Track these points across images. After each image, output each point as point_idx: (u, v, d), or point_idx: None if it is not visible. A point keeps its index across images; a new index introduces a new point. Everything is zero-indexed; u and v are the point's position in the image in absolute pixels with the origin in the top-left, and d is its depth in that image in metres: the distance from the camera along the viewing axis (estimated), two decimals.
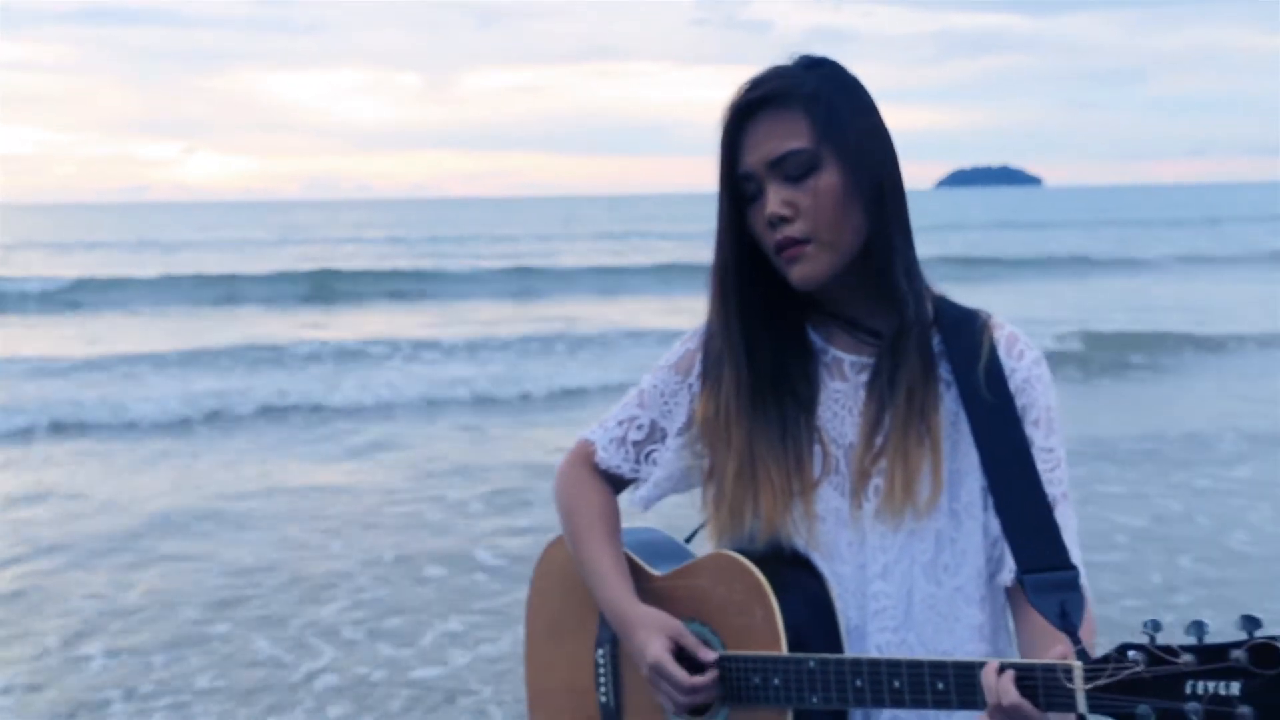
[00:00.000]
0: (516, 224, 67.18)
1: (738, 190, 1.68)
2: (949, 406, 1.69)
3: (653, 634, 1.69)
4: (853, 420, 1.71)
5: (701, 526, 1.95)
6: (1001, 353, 1.69)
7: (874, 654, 1.65)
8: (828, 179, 1.63)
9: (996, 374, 1.67)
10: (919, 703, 1.52)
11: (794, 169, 1.63)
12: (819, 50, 1.70)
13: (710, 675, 1.66)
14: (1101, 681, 1.36)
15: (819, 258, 1.64)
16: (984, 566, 1.69)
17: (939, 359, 1.70)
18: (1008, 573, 1.66)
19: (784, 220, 1.63)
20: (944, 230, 46.50)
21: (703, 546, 1.90)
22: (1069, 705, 1.40)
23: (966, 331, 1.70)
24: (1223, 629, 1.32)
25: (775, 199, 1.63)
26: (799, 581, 1.67)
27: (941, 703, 1.50)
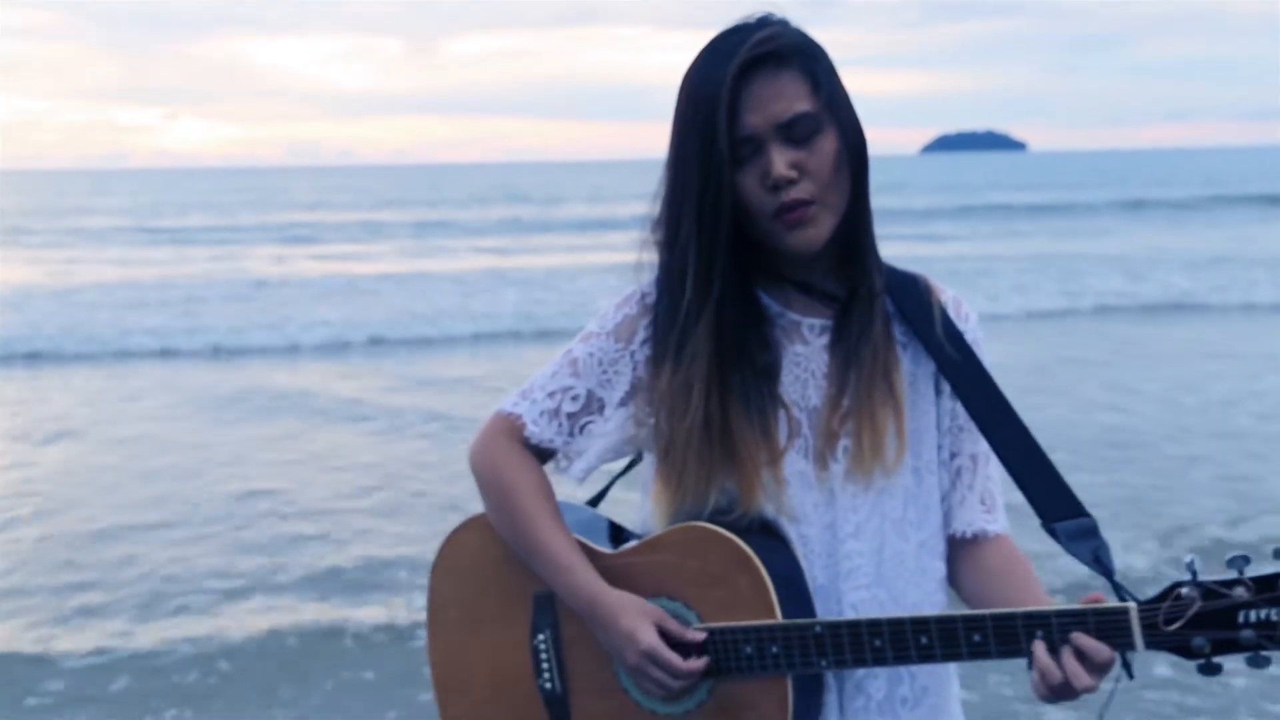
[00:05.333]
0: None
1: (735, 153, 1.61)
2: (906, 366, 1.72)
3: (640, 620, 1.64)
4: (816, 383, 1.71)
5: (607, 489, 1.94)
6: (951, 314, 1.74)
7: (849, 613, 1.67)
8: (829, 142, 1.62)
9: (955, 335, 1.72)
10: (951, 655, 1.55)
11: (801, 131, 1.60)
12: (807, 16, 1.66)
13: (705, 660, 1.64)
14: (1161, 619, 1.45)
15: (822, 220, 1.63)
16: (941, 519, 1.74)
17: (892, 320, 1.73)
18: (961, 524, 1.74)
19: (790, 183, 1.60)
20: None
21: (617, 513, 1.88)
22: (1127, 646, 1.48)
23: (913, 294, 1.74)
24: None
25: (781, 161, 1.59)
26: (769, 547, 1.65)
27: (979, 653, 1.54)
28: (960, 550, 1.75)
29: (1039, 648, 1.50)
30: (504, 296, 19.69)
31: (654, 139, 1.66)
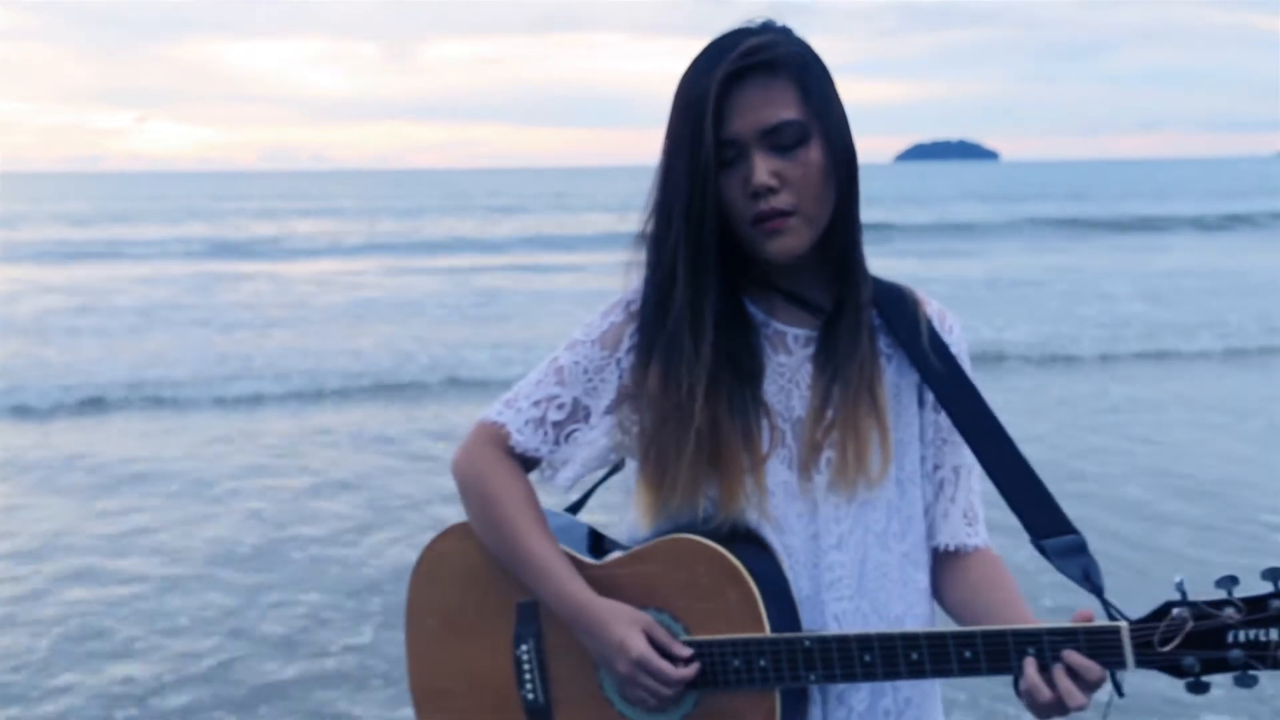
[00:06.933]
0: None
1: (719, 154, 1.62)
2: (890, 379, 1.72)
3: (630, 628, 1.64)
4: (800, 394, 1.71)
5: (589, 495, 1.94)
6: (936, 326, 1.74)
7: (832, 624, 1.68)
8: (815, 152, 1.62)
9: (941, 347, 1.72)
10: (942, 672, 1.55)
11: (786, 139, 1.60)
12: (783, 23, 1.65)
13: (695, 667, 1.63)
14: (1156, 638, 1.47)
15: (800, 231, 1.63)
16: (924, 531, 1.75)
17: (877, 333, 1.73)
18: (945, 537, 1.74)
19: (771, 191, 1.60)
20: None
21: (594, 518, 1.87)
22: (1118, 665, 1.48)
23: (900, 306, 1.74)
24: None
25: (763, 169, 1.60)
26: (755, 557, 1.65)
27: (970, 670, 1.54)
28: (944, 563, 1.76)
29: (1029, 665, 1.50)
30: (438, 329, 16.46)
31: (634, 145, 1.60)
